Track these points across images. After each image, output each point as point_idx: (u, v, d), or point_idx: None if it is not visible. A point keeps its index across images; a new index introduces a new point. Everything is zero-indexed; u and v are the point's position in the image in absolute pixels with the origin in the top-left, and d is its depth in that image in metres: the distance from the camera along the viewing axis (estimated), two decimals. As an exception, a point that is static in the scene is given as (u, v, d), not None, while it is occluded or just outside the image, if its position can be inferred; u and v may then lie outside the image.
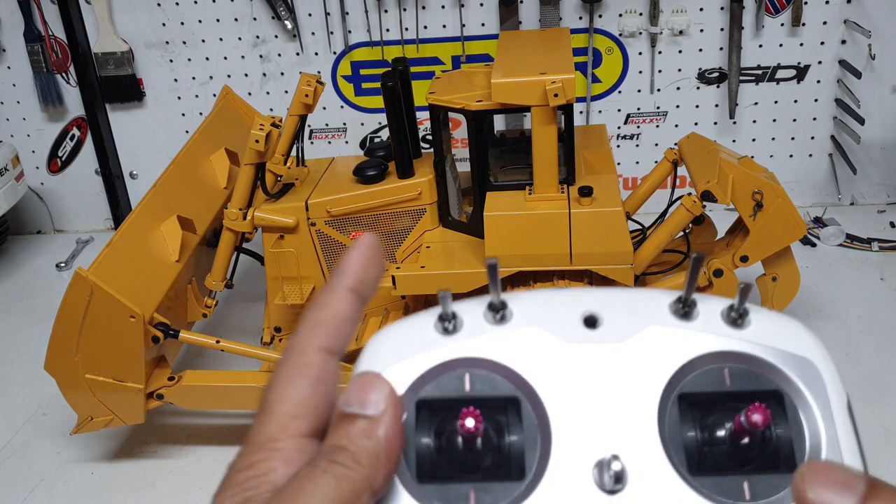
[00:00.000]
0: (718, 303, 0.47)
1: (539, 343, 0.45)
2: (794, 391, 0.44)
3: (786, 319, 0.47)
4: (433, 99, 1.48)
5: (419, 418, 0.44)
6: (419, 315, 0.47)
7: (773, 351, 0.45)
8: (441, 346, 0.45)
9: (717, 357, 0.45)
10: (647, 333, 0.45)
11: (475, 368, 0.45)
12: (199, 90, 2.31)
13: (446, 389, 0.44)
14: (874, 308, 1.80)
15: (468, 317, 0.46)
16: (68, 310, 1.38)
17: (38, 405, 1.74)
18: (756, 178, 1.48)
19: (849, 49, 2.07)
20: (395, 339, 0.47)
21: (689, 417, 0.44)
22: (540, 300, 0.48)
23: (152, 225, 1.57)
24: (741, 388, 0.44)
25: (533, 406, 0.44)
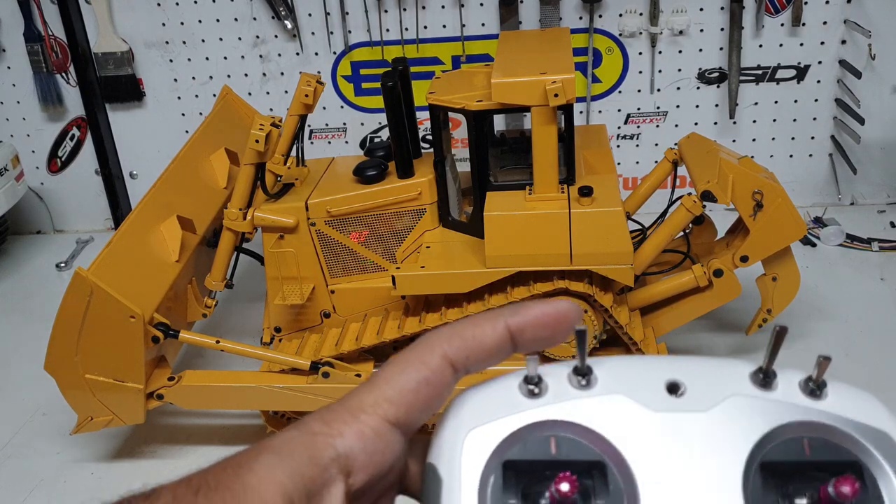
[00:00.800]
0: (797, 374, 0.48)
1: (624, 409, 0.46)
2: (874, 462, 0.45)
3: (862, 393, 0.48)
4: (433, 99, 1.48)
5: (505, 480, 0.44)
6: (504, 377, 0.48)
7: (851, 423, 0.46)
8: (527, 409, 0.45)
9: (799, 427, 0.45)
10: (729, 403, 0.46)
11: (562, 432, 0.45)
12: (198, 90, 2.31)
13: (533, 452, 0.45)
14: (874, 308, 1.80)
15: (553, 380, 0.47)
16: (68, 310, 1.38)
17: (38, 405, 1.74)
18: (756, 178, 1.48)
19: (849, 49, 2.07)
20: (481, 400, 0.47)
21: (772, 486, 0.44)
22: (624, 367, 0.48)
23: (152, 225, 1.57)
24: (821, 459, 0.45)
25: (619, 471, 0.44)
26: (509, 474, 0.44)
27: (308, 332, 1.60)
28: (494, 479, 0.44)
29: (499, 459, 0.44)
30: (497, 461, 0.44)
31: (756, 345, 1.69)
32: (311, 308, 1.57)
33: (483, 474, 0.44)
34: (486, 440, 0.45)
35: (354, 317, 1.57)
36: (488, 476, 0.44)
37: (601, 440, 0.45)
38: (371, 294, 1.55)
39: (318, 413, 0.44)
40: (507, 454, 0.44)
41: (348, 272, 1.56)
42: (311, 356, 1.49)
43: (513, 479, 0.44)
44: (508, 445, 0.45)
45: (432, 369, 0.45)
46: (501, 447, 0.45)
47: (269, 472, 0.42)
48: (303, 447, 0.43)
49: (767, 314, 1.58)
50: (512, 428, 0.45)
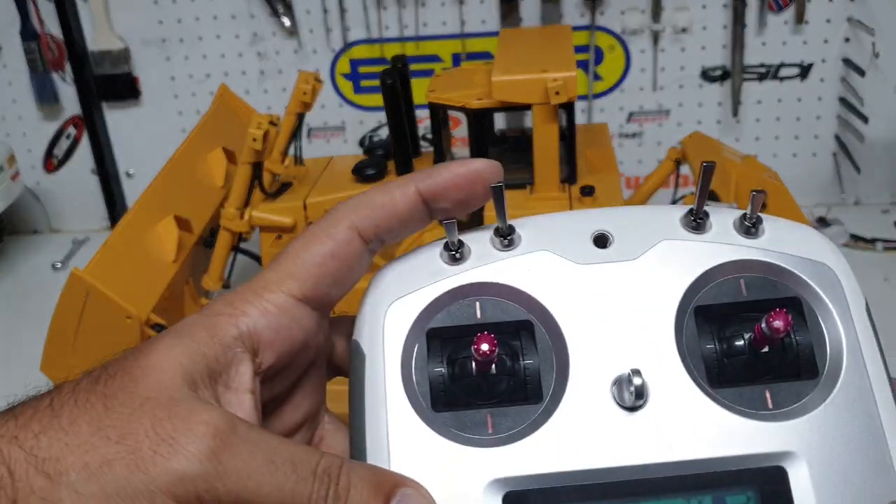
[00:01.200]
0: (731, 213, 0.46)
1: (550, 266, 0.44)
2: (813, 296, 0.44)
3: (800, 226, 0.46)
4: (433, 97, 1.46)
5: (431, 348, 0.44)
6: (424, 247, 0.47)
7: (788, 258, 0.44)
8: (449, 275, 0.45)
9: (733, 267, 0.44)
10: (659, 248, 0.44)
11: (485, 294, 0.44)
12: (196, 88, 2.30)
13: (457, 317, 0.44)
14: (878, 309, 1.77)
15: (475, 244, 0.46)
16: (64, 310, 1.37)
17: (34, 407, 1.73)
18: (759, 178, 1.47)
19: (852, 47, 2.05)
20: (401, 272, 0.46)
21: (707, 330, 0.43)
22: (548, 223, 0.47)
23: (149, 225, 1.55)
24: (758, 297, 0.44)
25: (547, 329, 0.43)
26: (434, 342, 0.44)
27: (306, 333, 1.58)
28: (418, 348, 0.43)
29: (422, 328, 0.44)
30: (420, 330, 0.44)
31: (760, 346, 1.67)
32: (310, 309, 1.56)
33: (406, 344, 0.43)
34: (407, 310, 0.44)
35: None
36: (412, 346, 0.43)
37: (527, 299, 0.44)
38: (370, 294, 1.54)
39: (223, 296, 0.44)
40: (431, 322, 0.44)
41: (347, 272, 1.54)
42: (310, 358, 1.47)
43: (438, 347, 0.44)
44: (431, 313, 0.44)
45: (338, 241, 0.44)
46: (424, 315, 0.44)
47: (168, 352, 0.41)
48: (204, 328, 0.42)
49: (771, 315, 1.57)
50: (434, 295, 0.44)
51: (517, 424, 0.42)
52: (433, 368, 0.43)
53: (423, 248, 0.47)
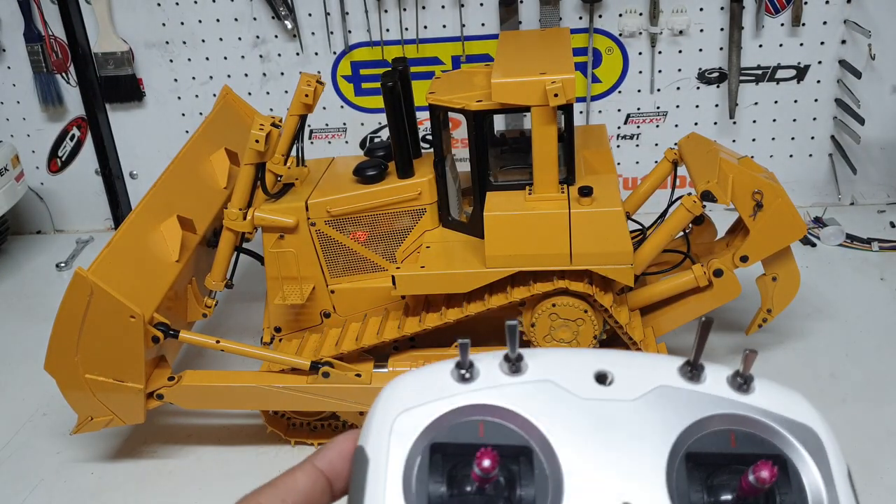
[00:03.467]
0: (725, 369, 0.48)
1: (553, 396, 0.46)
2: (798, 456, 0.45)
3: (788, 390, 0.48)
4: (433, 99, 1.48)
5: (433, 462, 0.45)
6: (437, 364, 0.48)
7: (777, 417, 0.46)
8: (457, 393, 0.46)
9: (724, 419, 0.46)
10: (657, 392, 0.46)
11: (490, 416, 0.46)
12: (199, 90, 2.31)
13: (460, 436, 0.45)
14: (874, 308, 1.80)
15: (484, 367, 0.47)
16: (68, 310, 1.38)
17: (38, 405, 1.74)
18: (756, 178, 1.48)
19: (849, 49, 2.07)
20: (412, 385, 0.47)
21: (697, 477, 0.45)
22: (554, 356, 0.49)
23: (152, 225, 1.57)
24: (747, 451, 0.45)
25: (545, 457, 0.44)
26: (436, 457, 0.45)
27: (308, 332, 1.60)
28: (421, 461, 0.44)
29: (426, 442, 0.45)
30: (424, 443, 0.45)
31: (756, 345, 1.69)
32: (311, 308, 1.57)
33: (409, 456, 0.44)
34: (414, 422, 0.45)
35: (354, 317, 1.57)
36: (415, 457, 0.44)
37: (528, 425, 0.45)
38: (371, 294, 1.55)
39: None
40: (435, 437, 0.45)
41: (348, 272, 1.56)
42: (311, 356, 1.49)
43: (440, 462, 0.45)
44: (437, 428, 0.45)
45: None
46: (429, 430, 0.45)
47: None
48: None
49: (767, 314, 1.58)
50: (441, 411, 0.45)
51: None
52: (433, 483, 0.44)
53: (436, 364, 0.49)
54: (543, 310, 1.43)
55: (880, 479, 1.37)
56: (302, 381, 1.47)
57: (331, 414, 1.57)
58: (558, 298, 1.42)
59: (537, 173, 1.41)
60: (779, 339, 1.71)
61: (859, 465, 1.37)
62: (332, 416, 1.58)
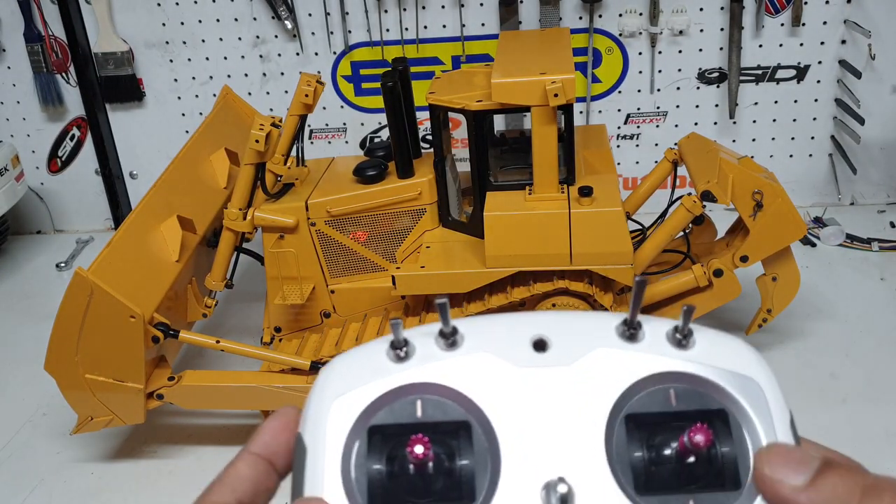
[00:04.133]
0: (663, 324, 0.48)
1: (489, 367, 0.46)
2: (738, 409, 0.45)
3: (730, 339, 0.48)
4: (433, 99, 1.48)
5: (371, 445, 0.45)
6: (371, 343, 0.48)
7: (717, 371, 0.46)
8: (393, 373, 0.46)
9: (663, 378, 0.46)
10: (594, 356, 0.46)
11: (427, 394, 0.46)
12: (199, 90, 2.32)
13: (399, 416, 0.45)
14: (874, 308, 1.80)
15: (420, 343, 0.47)
16: (68, 310, 1.38)
17: (38, 405, 1.74)
18: (756, 178, 1.48)
19: (849, 49, 2.07)
20: (347, 368, 0.47)
21: (637, 438, 0.45)
22: (490, 325, 0.49)
23: (152, 225, 1.57)
24: (687, 408, 0.45)
25: (483, 430, 0.45)
26: (375, 439, 0.45)
27: (308, 331, 1.60)
28: (359, 445, 0.44)
29: (364, 425, 0.45)
30: (362, 427, 0.45)
31: (756, 345, 1.67)
32: (311, 308, 1.58)
33: (347, 440, 0.44)
34: (351, 406, 0.45)
35: (354, 317, 1.57)
36: (353, 442, 0.44)
37: (465, 399, 0.45)
38: (371, 294, 1.55)
39: None
40: (373, 419, 0.45)
41: (348, 272, 1.56)
42: (312, 356, 1.49)
43: (379, 444, 0.45)
44: (374, 410, 0.45)
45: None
46: (367, 412, 0.45)
47: None
48: None
49: (767, 314, 1.58)
50: (377, 393, 0.45)
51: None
52: (372, 466, 0.44)
53: (370, 344, 0.49)
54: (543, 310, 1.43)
55: (880, 479, 1.36)
56: (302, 381, 1.47)
57: (331, 414, 1.57)
58: (558, 298, 1.42)
59: (537, 173, 1.41)
60: (779, 339, 1.71)
61: (859, 465, 1.37)
62: (332, 416, 1.58)
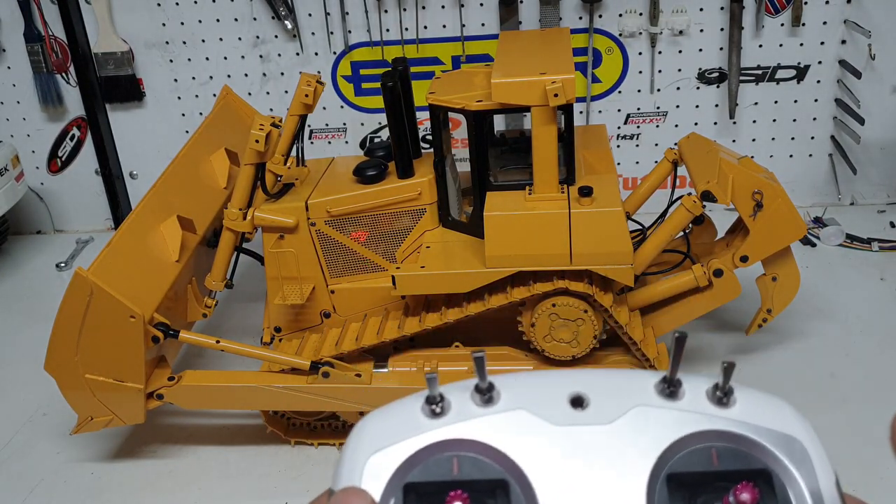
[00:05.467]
0: (704, 382, 0.47)
1: (527, 425, 0.45)
2: (783, 470, 0.44)
3: (771, 398, 0.47)
4: (433, 99, 1.48)
5: (407, 502, 0.44)
6: (406, 399, 0.47)
7: (759, 430, 0.45)
8: (428, 430, 0.45)
9: (704, 436, 0.45)
10: (633, 414, 0.45)
11: (463, 451, 0.45)
12: (198, 90, 2.31)
13: (434, 473, 0.44)
14: (874, 308, 1.80)
15: (455, 399, 0.46)
16: (68, 310, 1.38)
17: (38, 405, 1.74)
18: (756, 178, 1.48)
19: (849, 49, 2.07)
20: (382, 424, 0.46)
21: (679, 498, 0.44)
22: (527, 382, 0.48)
23: (152, 225, 1.57)
24: (729, 468, 0.44)
25: (522, 489, 0.44)
26: (411, 497, 0.44)
27: (308, 332, 1.60)
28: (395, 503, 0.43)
29: (399, 482, 0.44)
30: (398, 484, 0.44)
31: (756, 345, 1.69)
32: (311, 308, 1.57)
33: (383, 498, 0.43)
34: (386, 463, 0.44)
35: (354, 317, 1.57)
36: (388, 500, 0.43)
37: (503, 457, 0.44)
38: (371, 294, 1.55)
39: None
40: (409, 476, 0.44)
41: (348, 272, 1.56)
42: (311, 356, 1.49)
43: (414, 502, 0.44)
44: (409, 467, 0.44)
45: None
46: (402, 469, 0.44)
47: None
48: None
49: (767, 314, 1.58)
50: (413, 449, 0.44)
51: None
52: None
53: (405, 400, 0.48)
54: (543, 310, 1.43)
55: (880, 480, 1.36)
56: (302, 381, 1.47)
57: (331, 414, 1.57)
58: (558, 298, 1.42)
59: (537, 173, 1.41)
60: (779, 340, 1.71)
61: (860, 465, 1.37)
62: (332, 416, 1.58)
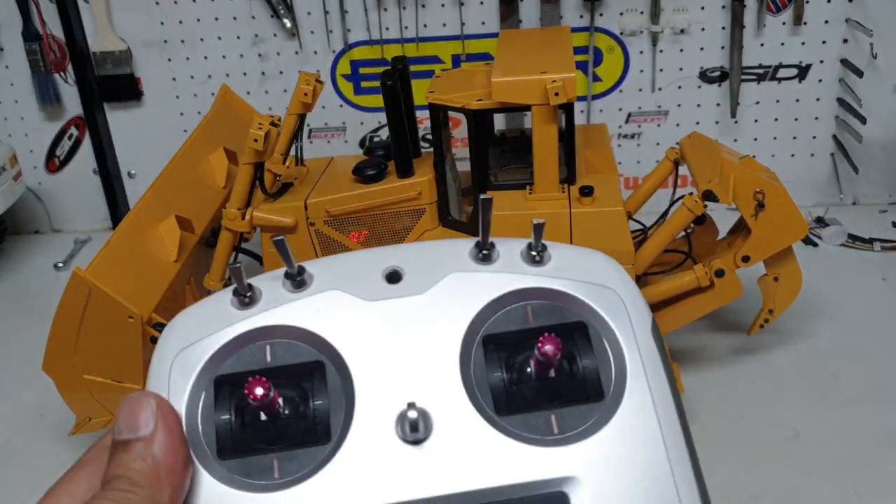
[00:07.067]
0: (517, 243, 0.47)
1: (340, 304, 0.44)
2: (597, 320, 0.44)
3: (585, 251, 0.47)
4: (433, 98, 1.47)
5: (219, 395, 0.43)
6: (215, 294, 0.46)
7: (573, 283, 0.45)
8: (238, 320, 0.44)
9: (518, 295, 0.44)
10: (447, 281, 0.45)
11: (276, 338, 0.44)
12: (197, 89, 2.31)
13: (247, 363, 0.44)
14: (876, 308, 1.80)
15: (266, 287, 0.45)
16: (66, 310, 1.37)
17: (36, 406, 1.73)
18: (758, 178, 1.47)
19: (850, 48, 2.06)
20: (190, 321, 0.45)
21: (496, 358, 0.43)
22: (340, 263, 0.47)
23: (150, 225, 1.56)
24: (545, 324, 0.44)
25: (337, 368, 0.43)
26: (224, 389, 0.43)
27: (307, 332, 1.59)
28: (205, 397, 0.43)
29: (210, 376, 0.43)
30: (208, 378, 0.43)
31: (758, 345, 1.68)
32: (311, 308, 1.57)
33: (191, 393, 0.43)
34: (194, 358, 0.43)
35: (354, 317, 1.57)
36: (198, 394, 0.43)
37: (316, 339, 0.44)
38: (370, 294, 1.54)
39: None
40: (219, 369, 0.43)
41: (348, 272, 1.55)
42: (311, 357, 1.48)
43: (227, 394, 0.43)
44: (220, 360, 0.44)
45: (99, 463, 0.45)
46: (211, 362, 0.43)
47: None
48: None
49: (769, 314, 1.58)
50: (222, 341, 0.44)
51: (303, 467, 0.41)
52: (219, 416, 0.43)
53: (214, 295, 0.47)
54: (544, 310, 1.42)
55: (881, 480, 1.36)
56: (301, 381, 1.46)
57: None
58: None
59: (538, 173, 1.41)
60: (780, 340, 1.70)
61: (860, 465, 1.37)
62: (332, 417, 1.57)
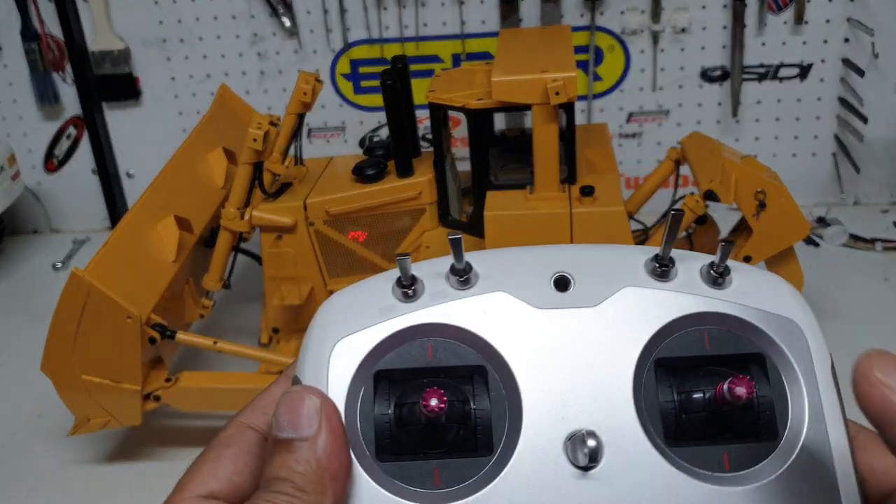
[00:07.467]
0: (698, 260, 0.44)
1: (507, 309, 0.42)
2: (777, 354, 0.42)
3: (769, 277, 0.44)
4: (433, 97, 1.46)
5: (378, 391, 0.41)
6: (374, 278, 0.44)
7: (754, 312, 0.42)
8: (401, 313, 0.42)
9: (696, 319, 0.42)
10: (621, 296, 0.42)
11: (438, 336, 0.42)
12: (196, 88, 2.30)
13: (407, 359, 0.42)
14: (878, 308, 1.79)
15: (430, 280, 0.43)
16: (64, 310, 1.37)
17: (35, 406, 1.73)
18: (759, 178, 1.47)
19: (852, 47, 2.05)
20: (349, 307, 0.43)
21: (668, 384, 0.41)
22: (507, 261, 0.44)
23: (149, 225, 1.55)
24: (722, 352, 0.42)
25: (501, 376, 0.41)
26: (382, 385, 0.41)
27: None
28: (365, 392, 0.41)
29: (370, 369, 0.42)
30: (368, 371, 0.41)
31: (759, 345, 1.67)
32: (310, 309, 1.56)
33: (351, 387, 0.41)
34: (355, 349, 0.42)
35: (353, 317, 1.56)
36: (358, 389, 0.41)
37: (481, 342, 0.42)
38: (370, 294, 1.54)
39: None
40: (380, 363, 0.42)
41: (347, 272, 1.54)
42: (310, 357, 1.47)
43: (386, 390, 0.41)
44: (380, 354, 0.42)
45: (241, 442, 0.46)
46: (372, 356, 0.42)
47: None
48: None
49: (771, 315, 1.57)
50: (384, 335, 0.42)
51: (466, 478, 0.40)
52: (379, 413, 0.41)
53: (374, 279, 0.44)
54: (545, 311, 1.42)
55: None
56: (300, 382, 1.46)
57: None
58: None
59: (538, 172, 1.40)
60: (782, 340, 1.69)
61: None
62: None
